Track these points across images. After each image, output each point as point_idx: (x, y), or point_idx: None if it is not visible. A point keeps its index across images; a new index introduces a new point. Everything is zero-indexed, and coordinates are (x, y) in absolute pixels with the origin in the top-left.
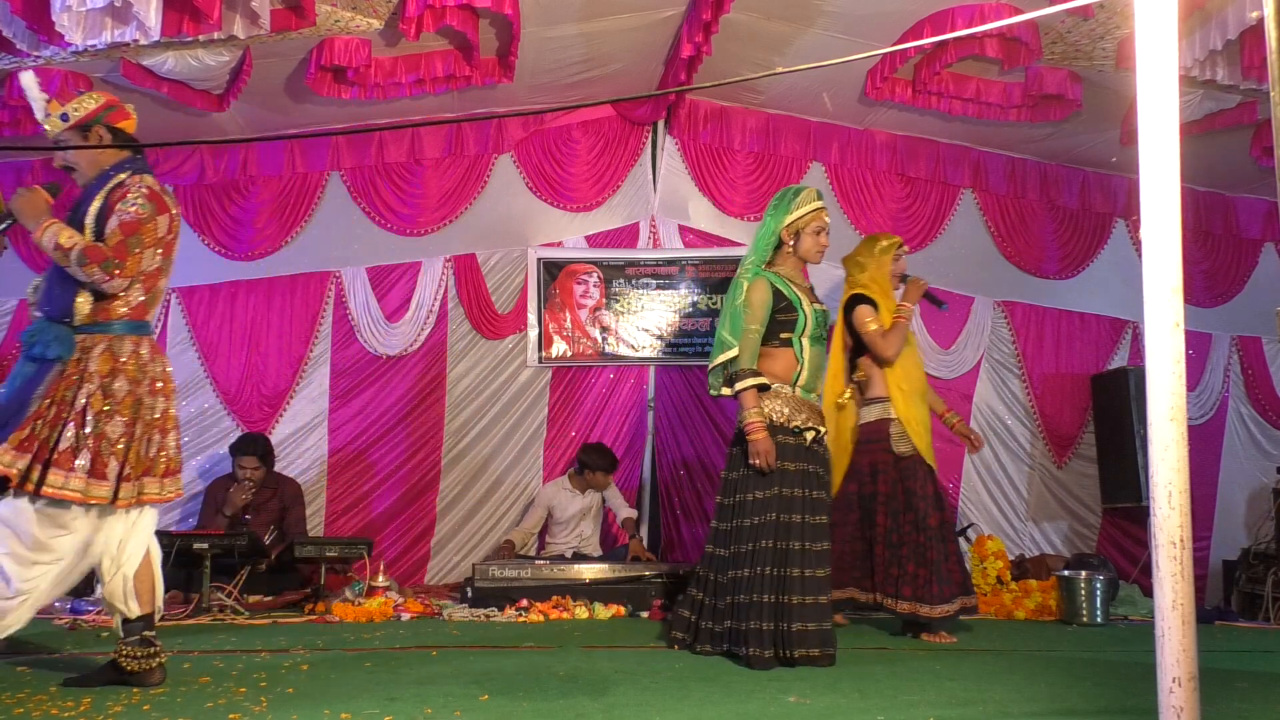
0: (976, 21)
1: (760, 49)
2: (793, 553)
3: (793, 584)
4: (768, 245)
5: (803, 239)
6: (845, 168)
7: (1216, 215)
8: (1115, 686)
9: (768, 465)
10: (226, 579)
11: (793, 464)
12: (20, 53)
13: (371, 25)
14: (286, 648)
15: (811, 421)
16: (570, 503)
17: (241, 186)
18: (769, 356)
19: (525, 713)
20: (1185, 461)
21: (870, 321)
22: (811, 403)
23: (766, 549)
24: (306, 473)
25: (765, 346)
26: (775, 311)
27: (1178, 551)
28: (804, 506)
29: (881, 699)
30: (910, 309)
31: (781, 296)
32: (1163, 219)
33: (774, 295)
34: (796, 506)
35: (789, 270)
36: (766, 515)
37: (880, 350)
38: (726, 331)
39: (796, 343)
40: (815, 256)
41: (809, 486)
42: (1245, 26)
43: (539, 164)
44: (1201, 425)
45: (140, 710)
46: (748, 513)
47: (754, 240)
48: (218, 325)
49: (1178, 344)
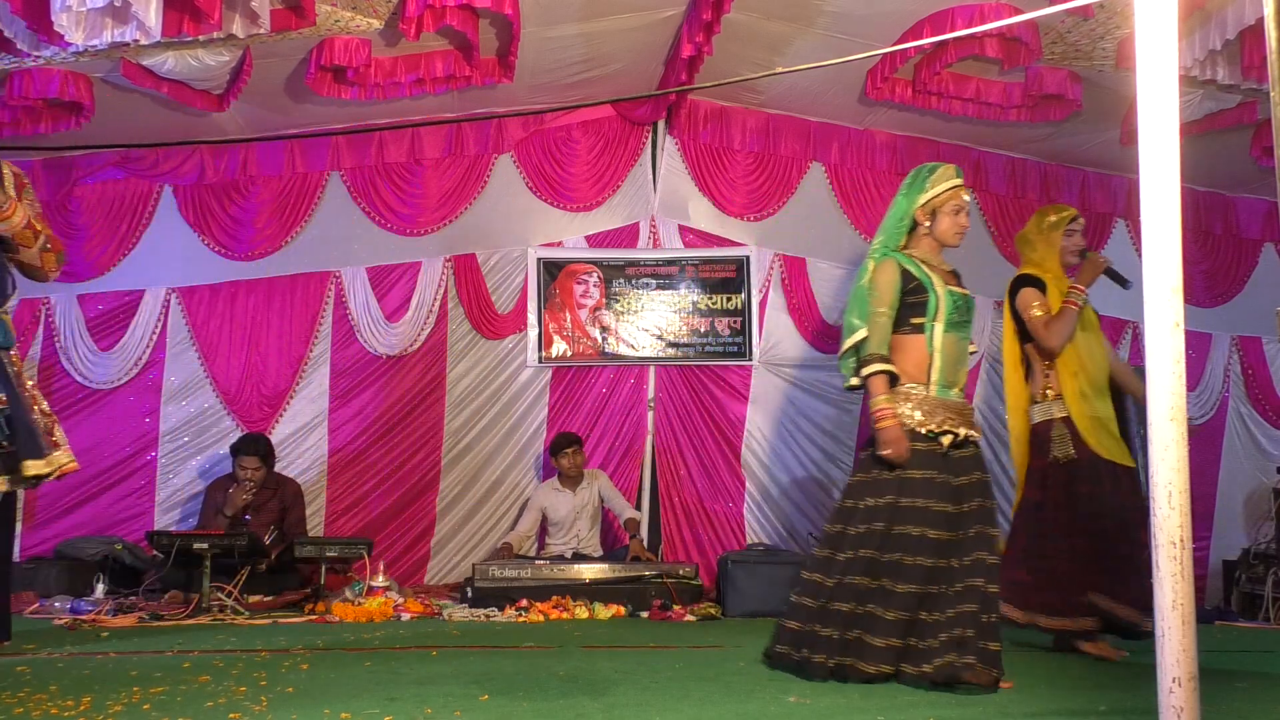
0: (976, 21)
1: (760, 49)
2: (888, 565)
3: (875, 595)
4: (900, 228)
5: (940, 219)
6: (845, 168)
7: (1216, 215)
8: (1115, 686)
9: (899, 456)
10: (226, 579)
11: (919, 472)
12: (20, 53)
13: (371, 25)
14: (286, 648)
15: (950, 424)
16: (562, 502)
17: (241, 186)
18: (898, 348)
19: (525, 713)
20: (1185, 461)
21: (1035, 306)
22: (952, 401)
23: (862, 558)
24: (306, 473)
25: (895, 334)
26: (905, 294)
27: (1178, 551)
28: (924, 519)
29: (881, 699)
30: (1083, 292)
31: (911, 277)
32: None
33: (903, 276)
34: (913, 519)
35: (924, 253)
36: (873, 525)
37: (1043, 339)
38: (855, 316)
39: (929, 328)
40: (954, 239)
41: (935, 497)
42: (1245, 26)
43: (539, 164)
44: (1201, 425)
45: (140, 710)
46: (856, 520)
47: (883, 223)
48: (218, 325)
49: (1178, 344)
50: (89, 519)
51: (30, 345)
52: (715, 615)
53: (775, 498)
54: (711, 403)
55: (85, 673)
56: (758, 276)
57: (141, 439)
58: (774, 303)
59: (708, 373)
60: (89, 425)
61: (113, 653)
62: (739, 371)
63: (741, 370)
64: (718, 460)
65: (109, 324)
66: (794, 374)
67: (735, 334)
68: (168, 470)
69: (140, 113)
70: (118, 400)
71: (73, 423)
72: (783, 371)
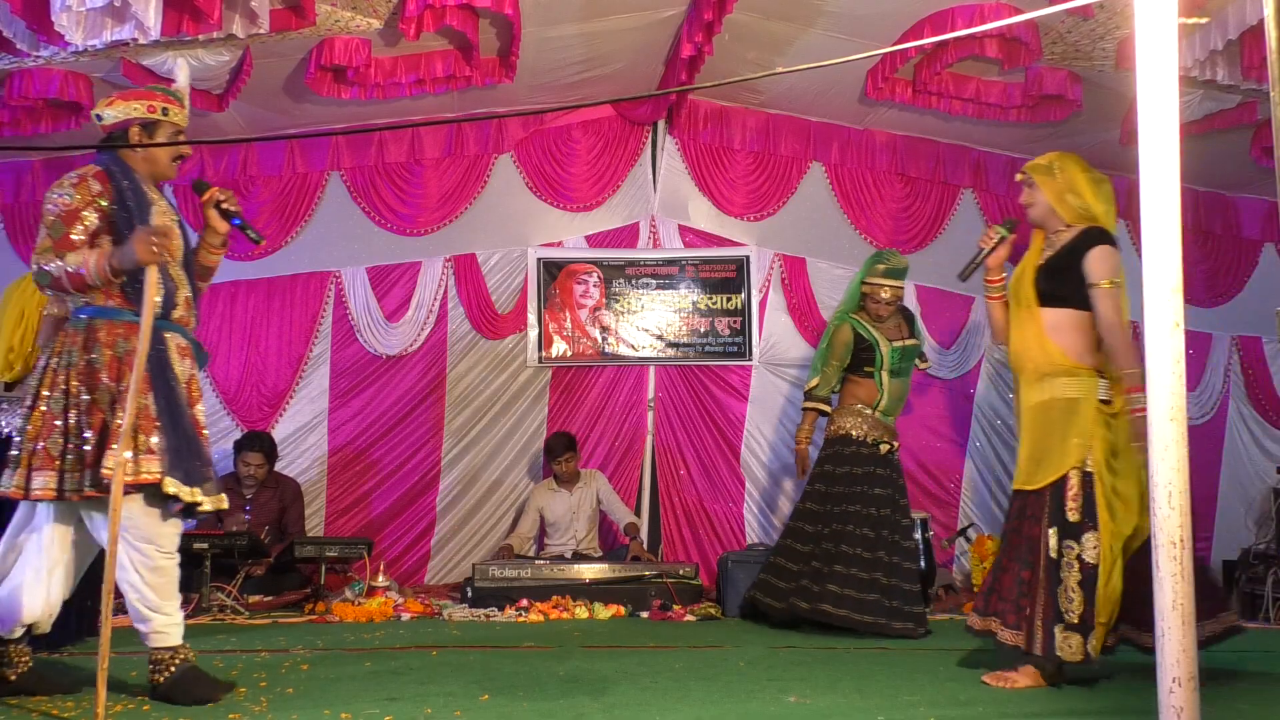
0: (976, 21)
1: (760, 49)
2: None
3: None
4: (853, 298)
5: (868, 302)
6: (845, 168)
7: (1216, 215)
8: (1115, 686)
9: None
10: (226, 579)
11: (859, 468)
12: (20, 53)
13: (371, 25)
14: (286, 648)
15: (886, 437)
16: (558, 502)
17: (241, 186)
18: (854, 384)
19: (525, 713)
20: (1185, 461)
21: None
22: (888, 423)
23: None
24: (306, 473)
25: (851, 375)
26: (858, 349)
27: (1178, 551)
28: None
29: (881, 699)
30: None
31: (861, 338)
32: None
33: (855, 337)
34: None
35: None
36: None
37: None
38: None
39: (877, 375)
40: (881, 316)
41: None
42: (1245, 27)
43: (539, 164)
44: (1201, 425)
45: (140, 710)
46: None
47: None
48: (218, 325)
49: (1178, 344)
50: None
51: None
52: (715, 615)
53: (775, 498)
54: (711, 403)
55: (86, 673)
56: (758, 276)
57: None
58: (774, 303)
59: (708, 373)
60: None
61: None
62: (739, 371)
63: (741, 370)
64: (718, 460)
65: None
66: (794, 374)
67: (735, 334)
68: None
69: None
70: None
71: None
72: (783, 371)
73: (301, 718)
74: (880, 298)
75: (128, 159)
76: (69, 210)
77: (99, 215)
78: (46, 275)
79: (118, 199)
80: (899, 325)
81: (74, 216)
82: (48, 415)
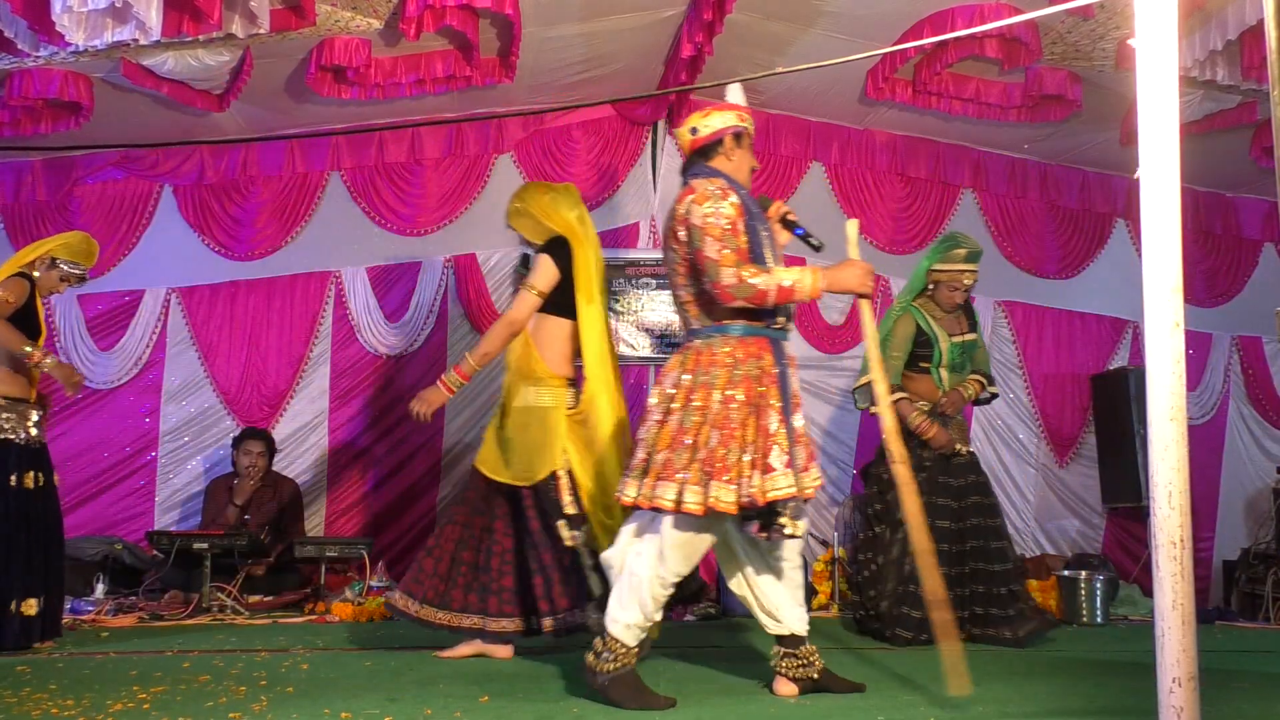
0: (976, 21)
1: (760, 49)
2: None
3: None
4: (918, 284)
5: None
6: (845, 168)
7: (1216, 215)
8: (1115, 686)
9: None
10: (226, 579)
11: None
12: (20, 52)
13: (371, 25)
14: (286, 648)
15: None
16: None
17: (241, 186)
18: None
19: (525, 713)
20: (1185, 461)
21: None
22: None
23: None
24: (306, 473)
25: (908, 371)
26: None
27: (1178, 551)
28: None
29: (881, 699)
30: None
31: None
32: (1163, 219)
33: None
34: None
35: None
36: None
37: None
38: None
39: (934, 371)
40: (949, 307)
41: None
42: (1245, 27)
43: (539, 164)
44: (1201, 425)
45: (140, 710)
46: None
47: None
48: (218, 325)
49: (1178, 344)
50: (89, 519)
51: None
52: (715, 615)
53: None
54: None
55: (85, 672)
56: None
57: (141, 439)
58: None
59: None
60: (89, 425)
61: (113, 652)
62: None
63: None
64: None
65: (109, 324)
66: None
67: None
68: (168, 470)
69: (140, 113)
70: (118, 400)
71: (73, 423)
72: None
73: (301, 718)
74: (962, 284)
75: (725, 171)
76: (733, 224)
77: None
78: (750, 289)
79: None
80: (959, 318)
81: (735, 231)
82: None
